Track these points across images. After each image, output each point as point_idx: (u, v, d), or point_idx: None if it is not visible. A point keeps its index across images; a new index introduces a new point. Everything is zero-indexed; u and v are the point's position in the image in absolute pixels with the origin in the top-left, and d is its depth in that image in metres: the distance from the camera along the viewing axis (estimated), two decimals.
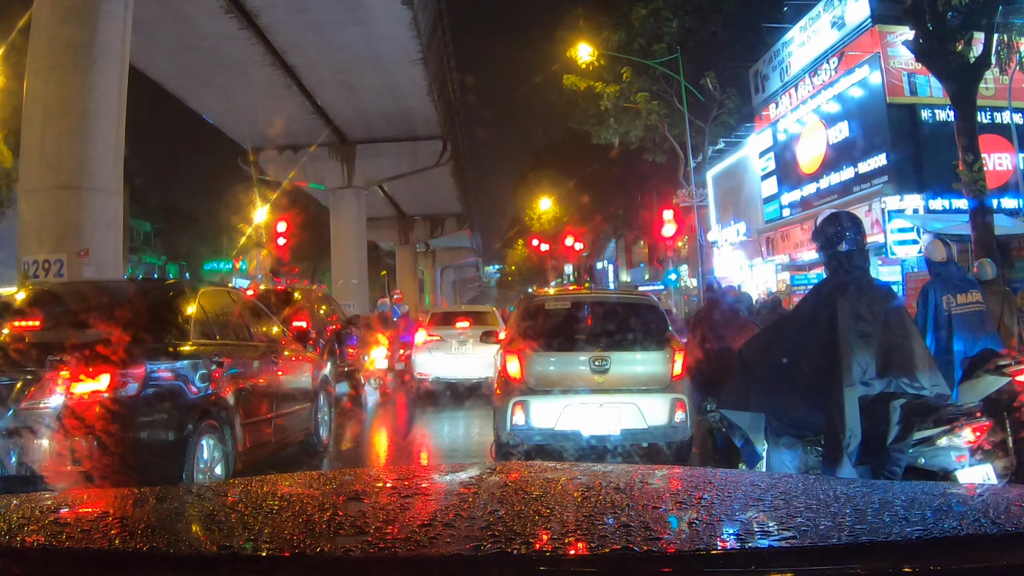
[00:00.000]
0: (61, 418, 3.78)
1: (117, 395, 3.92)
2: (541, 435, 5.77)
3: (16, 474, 3.72)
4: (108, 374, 3.89)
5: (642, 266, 38.96)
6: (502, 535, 1.00)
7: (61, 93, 9.31)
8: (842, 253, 3.21)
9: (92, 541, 1.03)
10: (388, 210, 37.96)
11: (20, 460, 3.75)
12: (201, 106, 22.54)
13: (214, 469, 4.60)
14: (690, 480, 1.68)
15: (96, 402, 3.85)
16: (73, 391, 3.82)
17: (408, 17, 16.52)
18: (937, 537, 1.02)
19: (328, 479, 1.89)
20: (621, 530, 1.04)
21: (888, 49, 14.74)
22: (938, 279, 5.23)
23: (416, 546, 0.98)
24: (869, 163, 15.24)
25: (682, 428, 5.80)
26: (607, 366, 5.84)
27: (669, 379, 5.89)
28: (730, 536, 1.10)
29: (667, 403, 5.76)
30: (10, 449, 3.76)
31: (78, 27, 9.43)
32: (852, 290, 3.12)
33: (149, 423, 4.17)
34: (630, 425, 5.67)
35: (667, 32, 19.59)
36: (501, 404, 5.90)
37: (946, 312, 5.01)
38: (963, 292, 5.07)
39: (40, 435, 3.78)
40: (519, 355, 5.94)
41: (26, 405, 3.79)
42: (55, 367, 3.82)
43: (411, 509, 1.28)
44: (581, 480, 1.54)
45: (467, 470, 1.72)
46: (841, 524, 1.13)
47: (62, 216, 9.06)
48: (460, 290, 77.96)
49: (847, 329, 3.02)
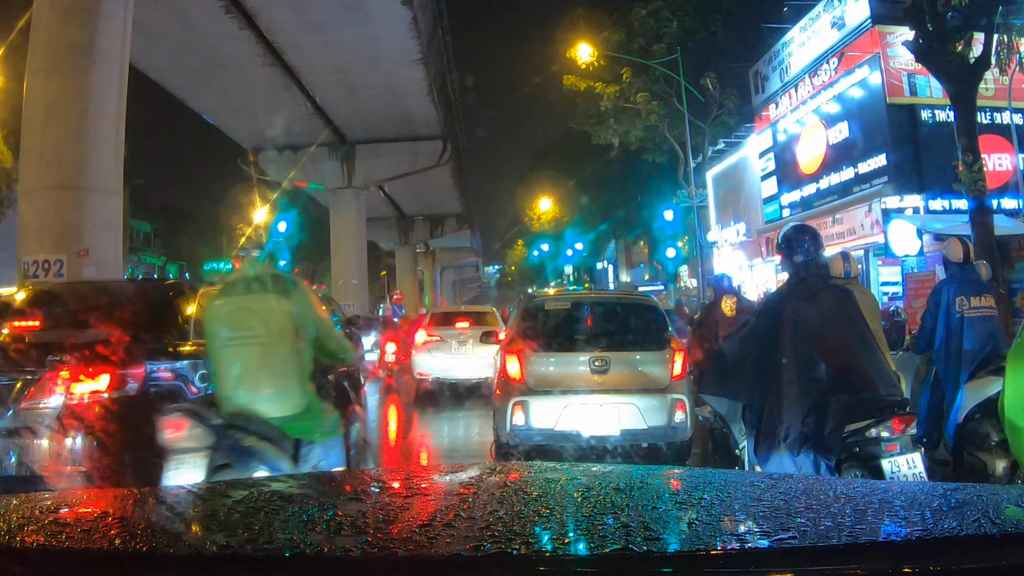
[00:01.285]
0: (61, 418, 3.76)
1: (117, 395, 3.89)
2: (541, 435, 5.73)
3: (16, 474, 3.69)
4: (108, 374, 3.86)
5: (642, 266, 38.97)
6: (502, 535, 1.00)
7: (61, 93, 9.33)
8: (800, 262, 3.54)
9: (92, 541, 1.02)
10: (388, 210, 37.97)
11: (20, 460, 3.74)
12: (201, 106, 22.54)
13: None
14: (690, 480, 1.68)
15: (96, 402, 3.83)
16: (73, 391, 3.80)
17: (408, 17, 16.52)
18: (937, 537, 1.02)
19: (328, 479, 1.88)
20: (621, 530, 1.04)
21: (888, 49, 14.73)
22: (953, 280, 5.13)
23: (416, 546, 0.98)
24: (869, 163, 15.23)
25: (682, 429, 5.76)
26: (607, 366, 5.81)
27: (669, 379, 5.86)
28: (730, 536, 1.10)
29: (667, 404, 5.72)
30: (10, 449, 3.74)
31: (78, 27, 9.45)
32: (804, 296, 3.46)
33: (149, 423, 4.00)
34: (630, 425, 5.64)
35: (667, 32, 19.59)
36: (501, 404, 5.87)
37: (959, 314, 4.93)
38: (978, 295, 5.00)
39: (40, 435, 3.76)
40: (519, 355, 5.92)
41: (26, 405, 3.77)
42: (55, 367, 3.80)
43: (411, 509, 1.29)
44: (581, 480, 1.55)
45: (467, 470, 1.72)
46: (841, 524, 1.13)
47: (62, 216, 9.07)
48: (460, 290, 77.94)
49: (792, 331, 3.35)
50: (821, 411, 3.27)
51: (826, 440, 3.23)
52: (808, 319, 3.37)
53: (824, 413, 3.26)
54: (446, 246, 50.91)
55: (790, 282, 3.62)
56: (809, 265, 3.54)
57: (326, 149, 24.72)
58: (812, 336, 3.35)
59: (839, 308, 3.47)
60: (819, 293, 3.49)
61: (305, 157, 23.89)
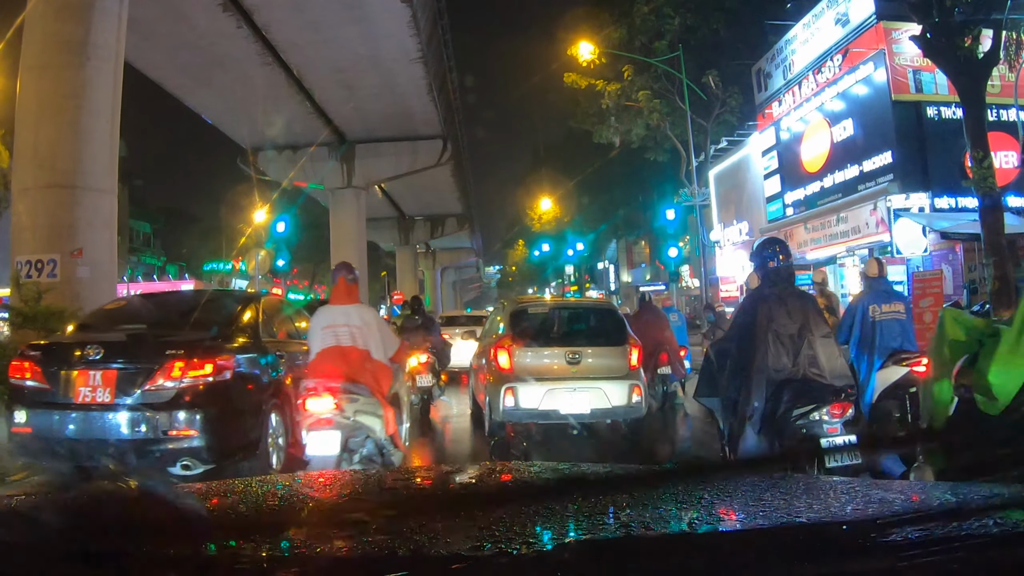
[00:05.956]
0: (176, 398, 4.87)
1: (216, 380, 5.03)
2: (527, 414, 7.00)
3: (145, 436, 4.83)
4: (211, 364, 5.00)
5: (643, 266, 38.81)
6: (502, 535, 1.00)
7: (55, 91, 9.18)
8: (770, 269, 4.15)
9: (92, 541, 0.99)
10: (388, 210, 37.85)
11: (145, 430, 4.83)
12: (200, 106, 22.40)
13: (278, 438, 5.73)
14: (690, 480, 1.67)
15: (202, 385, 4.95)
16: (186, 376, 4.90)
17: (407, 15, 16.39)
18: (937, 537, 1.00)
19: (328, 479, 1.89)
20: (621, 530, 1.04)
21: (893, 46, 14.58)
22: (871, 291, 6.35)
23: (416, 546, 0.98)
24: (874, 161, 15.07)
25: (638, 407, 7.14)
26: (579, 359, 7.17)
27: (627, 369, 7.25)
28: (731, 536, 1.10)
29: (626, 388, 7.10)
30: (140, 421, 4.83)
31: (72, 24, 9.30)
32: (774, 299, 4.05)
33: (242, 400, 5.33)
34: (598, 406, 6.99)
35: (669, 29, 19.46)
36: (494, 389, 7.04)
37: (871, 318, 6.13)
38: (888, 303, 6.21)
39: (160, 410, 4.83)
40: (508, 350, 7.14)
41: (149, 387, 4.87)
42: (171, 359, 4.90)
43: (411, 509, 1.28)
44: (581, 480, 1.56)
45: (467, 470, 1.76)
46: (841, 524, 1.14)
47: (55, 215, 8.92)
48: (460, 291, 77.88)
49: (763, 329, 3.95)
50: (776, 396, 3.89)
51: (778, 421, 3.85)
52: (776, 317, 3.97)
53: (779, 399, 3.88)
54: (446, 246, 50.80)
55: (763, 286, 4.19)
56: (780, 271, 4.14)
57: (326, 148, 24.58)
58: (779, 332, 3.95)
59: (803, 308, 4.05)
60: (786, 296, 4.07)
61: (305, 157, 23.78)
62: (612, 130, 22.17)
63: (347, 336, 4.59)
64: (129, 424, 4.83)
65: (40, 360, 5.03)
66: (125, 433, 4.83)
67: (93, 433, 4.84)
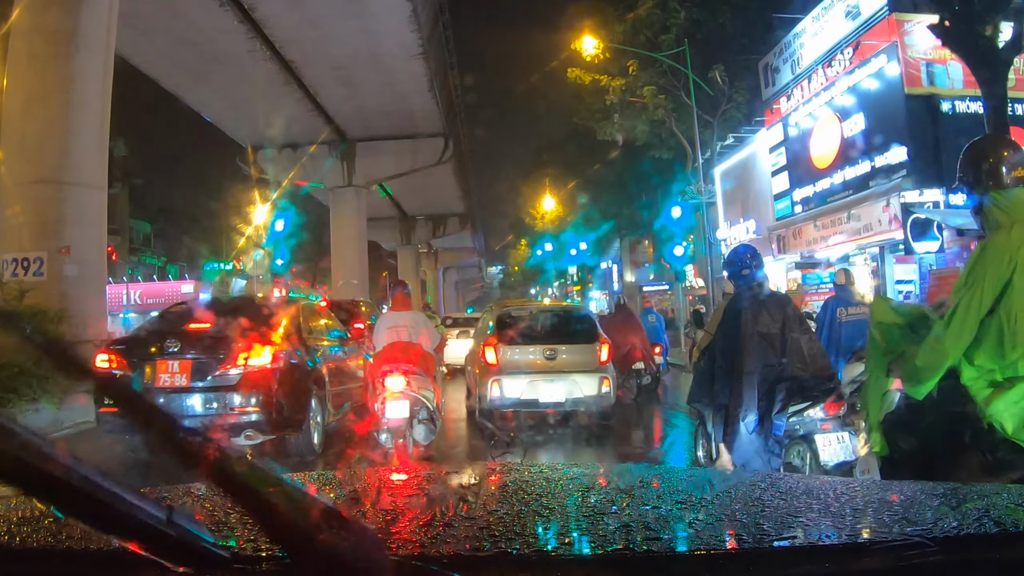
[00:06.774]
0: (240, 382, 5.93)
1: (274, 367, 6.13)
2: (511, 403, 8.02)
3: (216, 412, 5.92)
4: (267, 355, 6.08)
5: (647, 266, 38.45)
6: (502, 535, 0.99)
7: (43, 83, 8.91)
8: (746, 275, 4.42)
9: (92, 541, 0.98)
10: (389, 210, 37.61)
11: (216, 407, 5.94)
12: (199, 104, 22.15)
13: (318, 419, 6.80)
14: (691, 480, 1.68)
15: (261, 372, 6.03)
16: (250, 364, 5.99)
17: (408, 10, 16.13)
18: (937, 537, 0.98)
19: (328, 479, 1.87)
20: (622, 530, 1.04)
21: (905, 38, 14.22)
22: (839, 297, 7.35)
23: (416, 546, 0.97)
24: (886, 156, 14.69)
25: (607, 397, 8.25)
26: (555, 355, 8.25)
27: (597, 364, 8.33)
28: (731, 536, 1.09)
29: (596, 380, 8.16)
30: (212, 400, 5.95)
31: (61, 14, 9.03)
32: (753, 303, 4.27)
33: (289, 385, 6.28)
34: (572, 395, 8.03)
35: (674, 24, 19.09)
36: (483, 381, 8.13)
37: (839, 320, 7.01)
38: (855, 306, 7.10)
39: (228, 392, 5.92)
40: (495, 347, 8.22)
41: (219, 373, 5.97)
42: (237, 350, 5.98)
43: (411, 509, 1.28)
44: (581, 480, 1.57)
45: (467, 470, 1.74)
46: (841, 524, 1.15)
47: (42, 212, 8.63)
48: (463, 291, 77.65)
49: (748, 332, 4.14)
50: (770, 396, 4.04)
51: (774, 419, 4.00)
52: (759, 320, 4.18)
53: (772, 398, 4.03)
54: (448, 246, 50.56)
55: (742, 292, 4.41)
56: (754, 277, 4.42)
57: (326, 147, 24.34)
58: (764, 333, 4.15)
59: (782, 310, 4.27)
60: (765, 299, 4.31)
61: (305, 155, 23.56)
62: (616, 126, 21.81)
63: (406, 333, 6.29)
64: (203, 403, 5.96)
65: (124, 352, 6.18)
66: (199, 411, 5.92)
67: (173, 411, 5.35)
